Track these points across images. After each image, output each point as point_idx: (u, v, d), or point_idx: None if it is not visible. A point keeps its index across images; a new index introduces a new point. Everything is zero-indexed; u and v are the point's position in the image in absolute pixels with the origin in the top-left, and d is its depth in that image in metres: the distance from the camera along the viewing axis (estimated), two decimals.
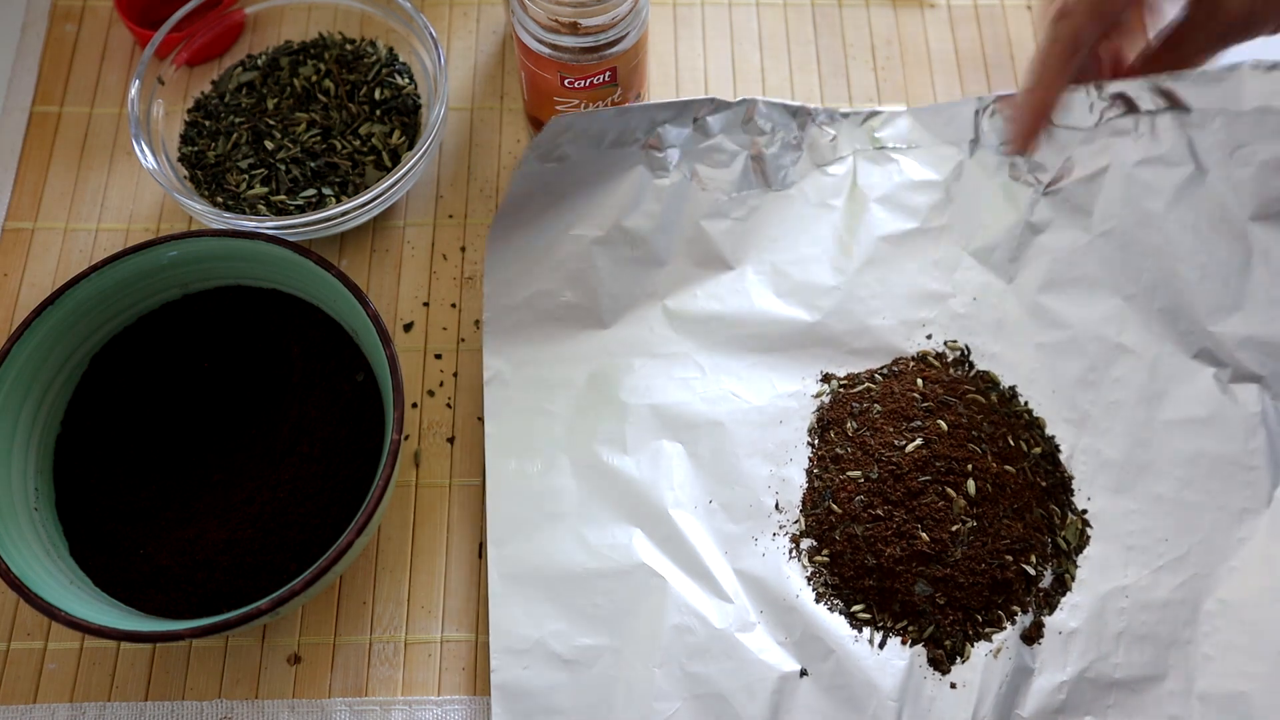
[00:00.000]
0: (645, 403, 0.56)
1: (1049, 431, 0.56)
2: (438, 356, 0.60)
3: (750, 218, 0.60)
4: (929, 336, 0.58)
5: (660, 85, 0.67)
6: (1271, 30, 0.57)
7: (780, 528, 0.54)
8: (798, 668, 0.51)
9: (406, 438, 0.58)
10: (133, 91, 0.60)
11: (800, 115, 0.61)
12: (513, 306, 0.58)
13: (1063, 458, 0.55)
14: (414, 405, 0.59)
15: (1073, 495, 0.55)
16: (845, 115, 0.61)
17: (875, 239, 0.60)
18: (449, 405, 0.59)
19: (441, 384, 0.59)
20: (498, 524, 0.53)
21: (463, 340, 0.60)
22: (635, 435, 0.55)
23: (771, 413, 0.56)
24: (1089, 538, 0.53)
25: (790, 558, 0.53)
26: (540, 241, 0.58)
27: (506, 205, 0.58)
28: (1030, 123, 0.58)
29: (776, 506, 0.54)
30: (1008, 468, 0.54)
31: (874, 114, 0.62)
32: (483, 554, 0.55)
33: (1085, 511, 0.54)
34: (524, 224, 0.59)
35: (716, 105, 0.60)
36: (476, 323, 0.61)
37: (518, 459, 0.55)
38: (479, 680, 0.53)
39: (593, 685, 0.50)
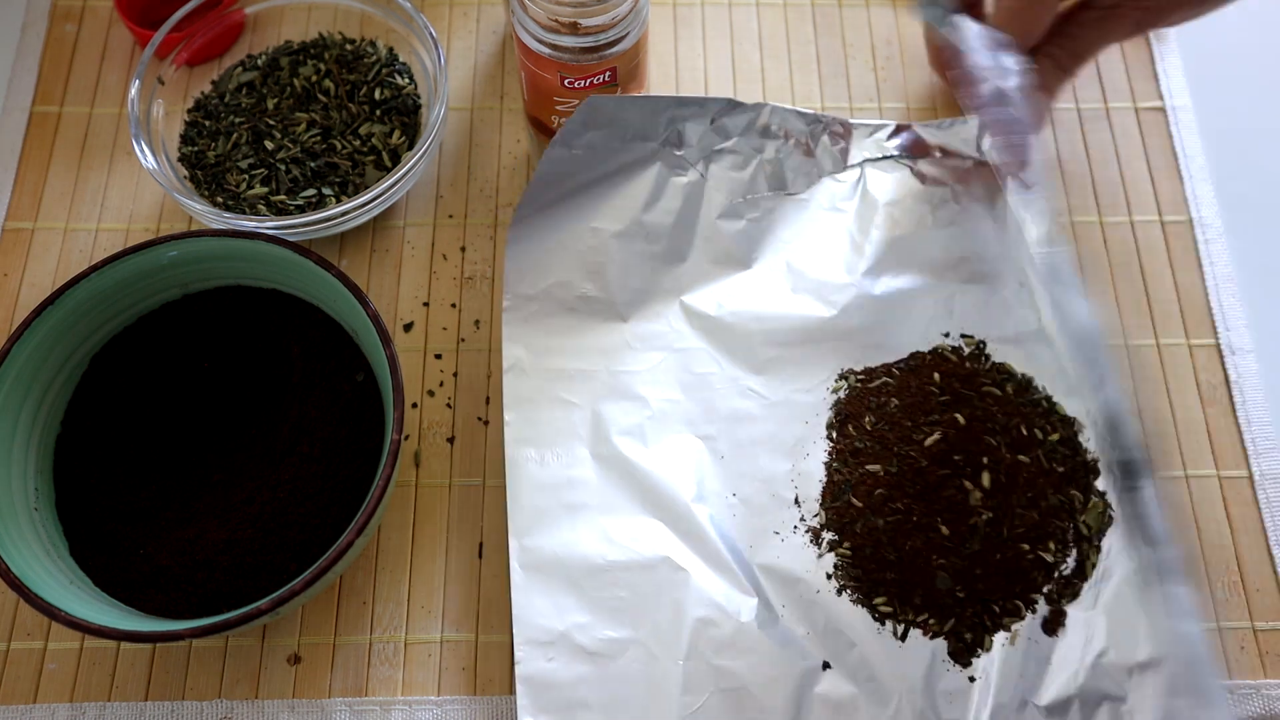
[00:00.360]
0: (663, 397, 0.56)
1: (1070, 415, 0.56)
2: (438, 356, 0.60)
3: (764, 219, 0.60)
4: (946, 335, 0.58)
5: (660, 85, 0.67)
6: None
7: (801, 520, 0.54)
8: (820, 660, 0.51)
9: (406, 438, 0.58)
10: (133, 91, 0.60)
11: (812, 123, 0.62)
12: (532, 296, 0.58)
13: (1084, 441, 0.55)
14: (414, 405, 0.59)
15: (1096, 478, 0.54)
16: (855, 126, 0.62)
17: (887, 239, 0.60)
18: (449, 405, 0.59)
19: (441, 384, 0.59)
20: (518, 514, 0.53)
21: (463, 340, 0.60)
22: (654, 429, 0.55)
23: (789, 407, 0.56)
24: (1111, 520, 0.53)
25: (811, 551, 0.53)
26: (560, 232, 0.59)
27: (531, 190, 0.58)
28: (1025, 148, 0.58)
29: (796, 501, 0.55)
30: (1021, 457, 0.54)
31: (881, 126, 0.63)
32: (482, 554, 0.55)
33: (1106, 494, 0.54)
34: (545, 213, 0.59)
35: (734, 107, 0.61)
36: (477, 323, 0.61)
37: (537, 448, 0.55)
38: (479, 680, 0.53)
39: (618, 678, 0.50)
